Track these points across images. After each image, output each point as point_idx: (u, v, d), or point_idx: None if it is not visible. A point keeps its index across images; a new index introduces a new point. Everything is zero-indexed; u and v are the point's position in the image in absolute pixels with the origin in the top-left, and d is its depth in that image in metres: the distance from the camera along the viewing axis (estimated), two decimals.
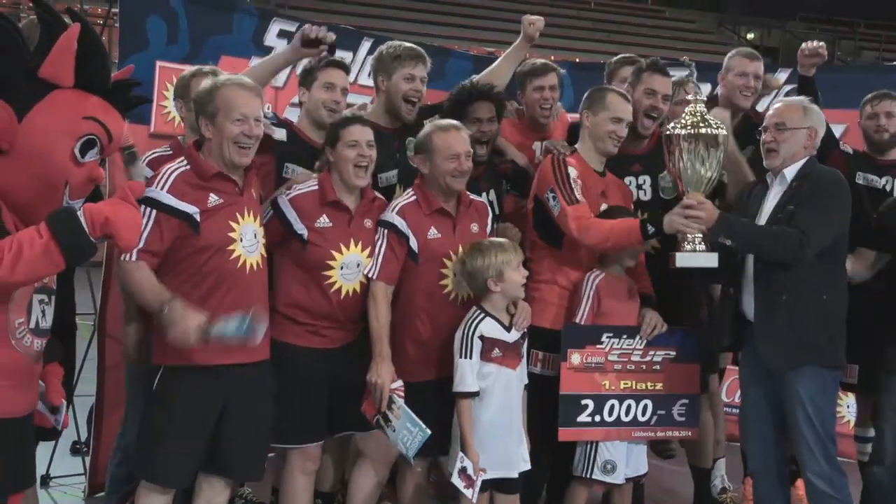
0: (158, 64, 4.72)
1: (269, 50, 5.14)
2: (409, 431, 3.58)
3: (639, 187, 4.35)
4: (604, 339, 3.97)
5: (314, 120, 4.10)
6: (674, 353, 4.07)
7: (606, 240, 3.90)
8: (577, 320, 3.98)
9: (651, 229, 3.81)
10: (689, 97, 3.96)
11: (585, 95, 4.18)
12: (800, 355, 3.75)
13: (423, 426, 3.56)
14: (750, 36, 23.63)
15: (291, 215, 3.66)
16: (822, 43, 4.50)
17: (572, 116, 5.02)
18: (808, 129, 3.86)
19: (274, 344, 3.58)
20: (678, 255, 3.76)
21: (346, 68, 4.13)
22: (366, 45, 5.52)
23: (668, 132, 3.79)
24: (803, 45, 4.49)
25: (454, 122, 3.96)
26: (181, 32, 4.85)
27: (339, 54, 5.15)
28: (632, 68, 4.47)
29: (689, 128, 3.72)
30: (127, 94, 2.91)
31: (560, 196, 3.96)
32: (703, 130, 3.71)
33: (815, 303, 3.75)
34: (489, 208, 4.08)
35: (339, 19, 15.19)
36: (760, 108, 4.93)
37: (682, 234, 3.75)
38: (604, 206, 4.06)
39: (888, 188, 4.65)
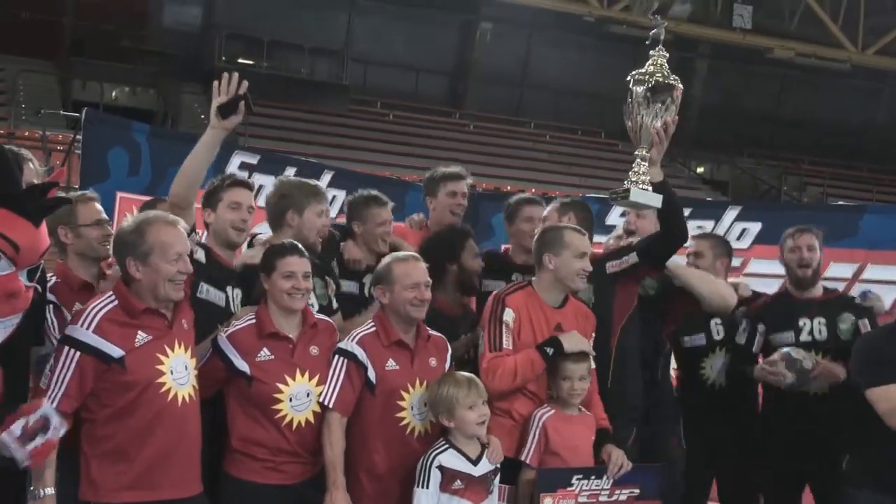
0: (119, 195, 4.79)
1: None
2: None
3: None
4: (573, 481, 3.90)
5: (224, 241, 4.01)
6: (637, 490, 4.03)
7: (514, 378, 3.89)
8: (524, 458, 3.93)
9: (549, 350, 3.86)
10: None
11: (539, 234, 4.19)
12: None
13: None
14: (700, 170, 24.36)
15: (231, 352, 3.60)
16: None
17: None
18: None
19: (232, 481, 3.52)
20: (633, 189, 3.80)
21: (250, 186, 4.09)
22: (326, 176, 5.62)
23: (628, 79, 3.89)
24: None
25: (412, 252, 4.01)
26: (143, 164, 4.94)
27: None
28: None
29: (645, 76, 3.82)
30: (39, 199, 2.79)
31: (486, 339, 3.98)
32: (658, 78, 3.80)
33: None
34: (447, 344, 4.04)
35: (300, 148, 15.42)
36: None
37: (634, 173, 3.82)
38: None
39: (806, 329, 4.65)
